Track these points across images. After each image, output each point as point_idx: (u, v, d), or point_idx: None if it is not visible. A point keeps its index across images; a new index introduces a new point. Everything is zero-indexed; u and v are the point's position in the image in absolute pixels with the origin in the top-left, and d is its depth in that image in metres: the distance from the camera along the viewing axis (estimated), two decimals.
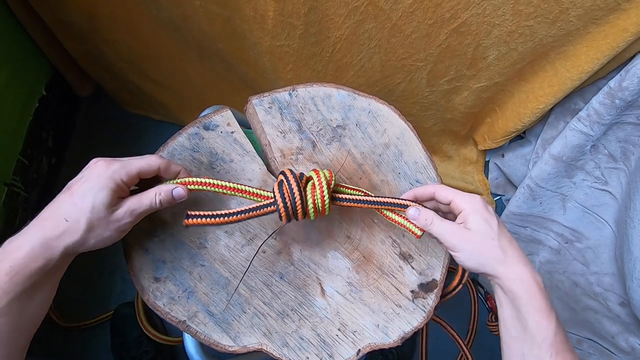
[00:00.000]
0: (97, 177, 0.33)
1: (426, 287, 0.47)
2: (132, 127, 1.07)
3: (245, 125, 0.51)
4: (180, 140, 0.46)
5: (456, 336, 0.92)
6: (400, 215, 0.43)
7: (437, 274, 0.47)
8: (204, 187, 0.39)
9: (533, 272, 0.37)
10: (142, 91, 0.95)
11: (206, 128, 0.47)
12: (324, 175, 0.40)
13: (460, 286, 0.47)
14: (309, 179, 0.41)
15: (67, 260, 0.33)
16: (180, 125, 0.42)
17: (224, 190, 0.40)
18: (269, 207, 0.39)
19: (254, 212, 0.39)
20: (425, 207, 0.43)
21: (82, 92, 1.01)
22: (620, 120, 0.74)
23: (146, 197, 0.35)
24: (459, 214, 0.39)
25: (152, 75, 0.89)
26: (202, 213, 0.38)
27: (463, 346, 0.91)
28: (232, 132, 0.47)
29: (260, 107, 0.49)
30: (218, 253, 0.43)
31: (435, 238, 0.42)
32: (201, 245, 0.43)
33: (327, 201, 0.40)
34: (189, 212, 0.38)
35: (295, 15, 0.64)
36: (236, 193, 0.40)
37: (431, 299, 0.46)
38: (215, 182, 0.39)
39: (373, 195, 0.43)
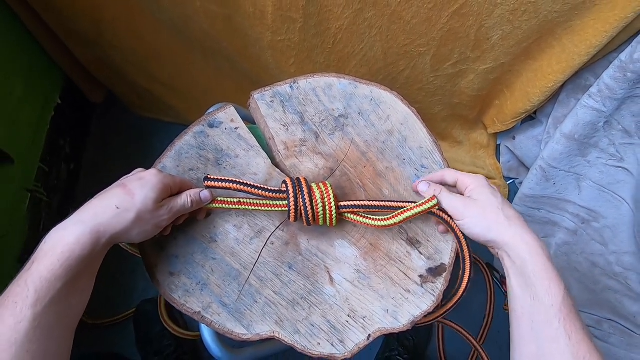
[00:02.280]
0: (151, 176, 0.38)
1: (435, 271, 0.47)
2: (143, 130, 1.10)
3: (251, 121, 0.52)
4: (187, 139, 0.47)
5: (469, 337, 0.92)
6: (412, 208, 0.43)
7: (446, 258, 0.47)
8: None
9: (539, 240, 0.38)
10: (150, 94, 0.97)
11: (211, 126, 0.48)
12: (328, 187, 0.43)
13: (466, 287, 0.46)
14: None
15: (107, 248, 0.36)
16: (188, 125, 0.43)
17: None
18: (280, 195, 0.43)
19: (267, 192, 0.43)
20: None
21: (95, 98, 1.04)
22: (634, 94, 0.71)
23: (180, 198, 0.40)
24: (465, 189, 0.43)
25: (158, 77, 0.91)
26: (220, 177, 0.43)
27: (476, 345, 0.91)
28: (235, 128, 0.48)
29: (262, 101, 0.50)
30: (228, 246, 0.45)
31: (442, 214, 0.43)
32: (212, 240, 0.45)
33: (334, 210, 0.43)
34: (208, 176, 0.43)
35: (294, 8, 0.64)
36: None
37: (440, 283, 0.47)
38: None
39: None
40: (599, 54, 0.71)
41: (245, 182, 0.43)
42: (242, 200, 0.43)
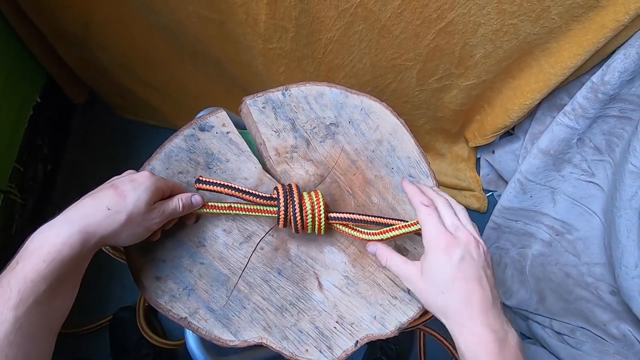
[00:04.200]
0: (143, 178, 0.37)
1: None
2: (127, 133, 1.08)
3: (240, 127, 0.53)
4: (177, 142, 0.47)
5: (449, 345, 0.94)
6: (400, 228, 0.43)
7: None
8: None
9: (490, 334, 0.31)
10: (137, 96, 0.96)
11: (202, 129, 0.48)
12: (319, 196, 0.44)
13: None
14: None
15: (95, 250, 0.34)
16: (175, 129, 0.43)
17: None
18: (271, 202, 0.43)
19: (258, 198, 0.43)
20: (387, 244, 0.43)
21: (76, 98, 1.02)
22: (604, 113, 0.76)
23: (171, 201, 0.40)
24: (424, 240, 0.38)
25: (147, 80, 0.90)
26: (212, 180, 0.42)
27: (456, 354, 0.93)
28: (227, 133, 0.49)
29: (254, 107, 0.50)
30: (217, 251, 0.44)
31: None
32: (200, 244, 0.44)
33: (322, 220, 0.43)
34: (200, 177, 0.42)
35: (287, 18, 0.65)
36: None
37: None
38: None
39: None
40: (573, 75, 0.76)
41: (236, 186, 0.43)
42: (232, 205, 0.43)
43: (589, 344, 0.77)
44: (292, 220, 0.42)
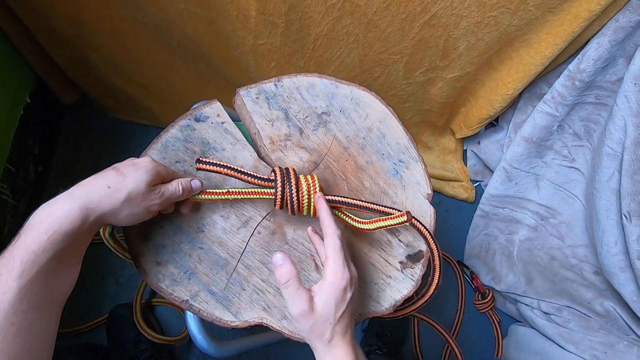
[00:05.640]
0: (144, 162, 0.39)
1: (413, 257, 0.50)
2: (118, 132, 1.08)
3: (233, 120, 0.54)
4: (173, 132, 0.48)
5: (442, 331, 0.97)
6: (383, 219, 0.46)
7: (423, 245, 0.51)
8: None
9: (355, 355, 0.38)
10: (128, 96, 0.96)
11: (197, 120, 0.50)
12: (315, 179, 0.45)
13: (435, 287, 0.49)
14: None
15: (96, 227, 0.35)
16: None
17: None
18: (268, 183, 0.44)
19: (256, 179, 0.44)
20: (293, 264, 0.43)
21: (67, 99, 1.01)
22: (581, 100, 0.80)
23: (171, 184, 0.41)
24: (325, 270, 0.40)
25: (137, 79, 0.91)
26: (212, 160, 0.43)
27: (449, 339, 0.96)
28: (222, 123, 0.50)
29: (248, 97, 0.52)
30: (215, 236, 0.46)
31: (417, 224, 0.46)
32: (199, 230, 0.46)
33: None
34: (200, 158, 0.43)
35: (277, 13, 0.67)
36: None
37: (419, 268, 0.50)
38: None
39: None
40: (551, 64, 0.79)
41: (235, 167, 0.44)
42: (230, 190, 0.45)
43: (575, 321, 0.80)
44: (288, 201, 0.44)
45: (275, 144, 0.51)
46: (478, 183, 1.17)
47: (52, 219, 0.31)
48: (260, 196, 0.45)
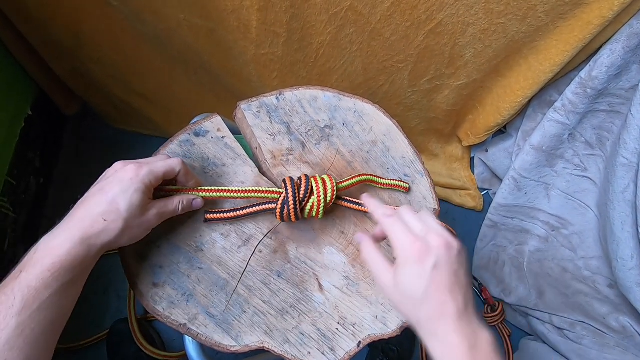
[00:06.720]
0: (130, 180, 0.36)
1: None
2: (120, 143, 1.07)
3: (234, 133, 0.53)
4: (172, 148, 0.47)
5: None
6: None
7: None
8: (219, 195, 0.44)
9: (462, 341, 0.31)
10: (129, 107, 0.95)
11: (197, 134, 0.48)
12: (328, 183, 0.45)
13: None
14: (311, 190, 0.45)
15: (98, 256, 0.35)
16: (168, 139, 0.42)
17: (236, 195, 0.44)
18: (277, 200, 0.44)
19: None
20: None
21: (68, 110, 1.01)
22: (594, 108, 0.77)
23: (171, 202, 0.40)
24: (395, 251, 0.35)
25: (139, 90, 0.90)
26: (219, 210, 0.44)
27: None
28: (222, 137, 0.49)
29: (249, 111, 0.50)
30: (215, 255, 0.44)
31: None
32: (198, 249, 0.44)
33: (322, 209, 0.44)
34: (208, 210, 0.44)
35: (278, 23, 0.66)
36: (248, 195, 0.44)
37: None
38: (229, 188, 0.44)
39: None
40: (561, 71, 0.77)
41: (244, 206, 0.44)
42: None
43: (590, 337, 0.77)
44: (298, 190, 0.43)
45: (277, 159, 0.49)
46: (486, 191, 1.14)
47: (54, 256, 0.31)
48: (267, 200, 0.45)
